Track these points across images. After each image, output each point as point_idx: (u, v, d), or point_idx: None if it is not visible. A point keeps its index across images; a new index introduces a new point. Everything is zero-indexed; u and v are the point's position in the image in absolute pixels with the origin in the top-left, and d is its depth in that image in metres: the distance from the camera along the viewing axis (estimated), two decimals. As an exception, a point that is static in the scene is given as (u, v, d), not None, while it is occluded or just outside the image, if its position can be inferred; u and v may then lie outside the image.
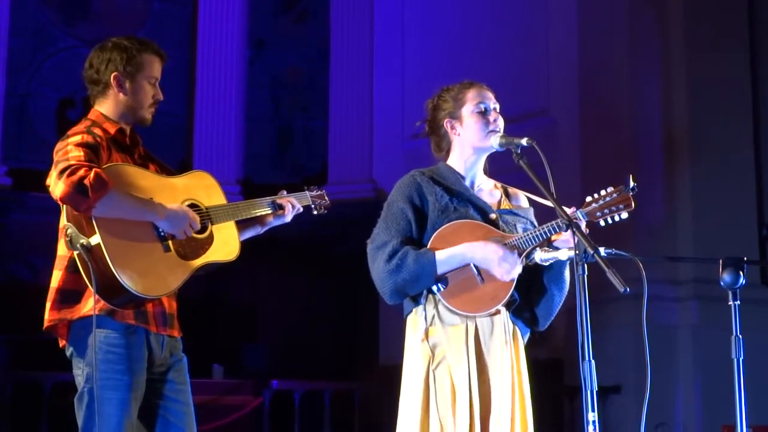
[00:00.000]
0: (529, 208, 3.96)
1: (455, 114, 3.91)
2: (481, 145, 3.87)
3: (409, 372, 3.75)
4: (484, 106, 3.89)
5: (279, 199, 4.21)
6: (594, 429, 3.24)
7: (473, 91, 3.93)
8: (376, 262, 3.75)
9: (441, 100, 3.96)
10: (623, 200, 3.72)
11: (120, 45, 3.90)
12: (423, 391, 3.69)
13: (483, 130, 3.86)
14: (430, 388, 3.68)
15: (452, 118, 3.92)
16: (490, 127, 3.86)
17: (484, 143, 3.87)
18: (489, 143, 3.85)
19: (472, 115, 3.88)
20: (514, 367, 3.73)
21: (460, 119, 3.90)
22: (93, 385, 3.65)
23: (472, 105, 3.89)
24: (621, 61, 9.95)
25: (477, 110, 3.88)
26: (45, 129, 12.26)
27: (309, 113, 13.31)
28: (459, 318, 3.71)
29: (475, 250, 3.70)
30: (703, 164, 9.63)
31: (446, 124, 3.93)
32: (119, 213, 3.62)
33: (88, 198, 3.51)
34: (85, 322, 3.68)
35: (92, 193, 3.51)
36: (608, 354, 8.14)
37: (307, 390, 9.61)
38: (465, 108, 3.90)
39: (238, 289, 11.93)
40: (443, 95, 3.96)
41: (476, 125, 3.87)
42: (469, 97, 3.91)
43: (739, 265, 3.72)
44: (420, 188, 3.83)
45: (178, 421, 3.85)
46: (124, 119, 3.91)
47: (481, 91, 3.93)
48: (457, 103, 3.91)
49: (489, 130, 3.86)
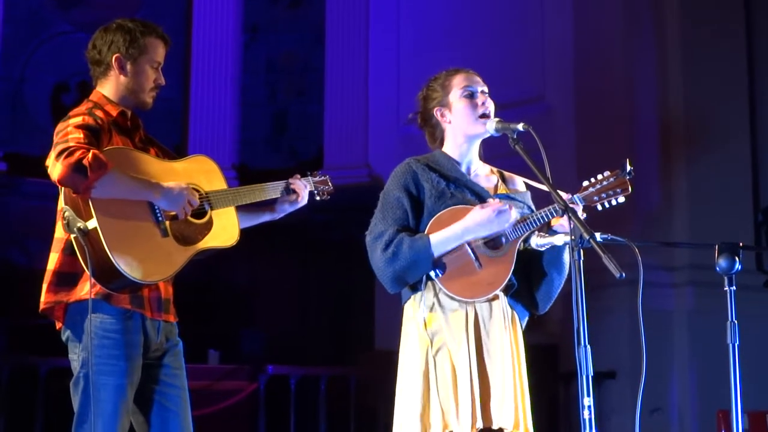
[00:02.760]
0: (526, 192, 3.96)
1: (444, 101, 3.90)
2: (473, 130, 3.86)
3: (408, 359, 3.75)
4: (471, 89, 3.88)
5: (292, 184, 4.20)
6: (589, 414, 3.25)
7: (459, 77, 3.92)
8: (374, 253, 3.75)
9: (429, 90, 3.95)
10: (620, 184, 3.72)
11: (124, 27, 3.90)
12: (423, 377, 3.69)
13: (472, 114, 3.85)
14: (431, 375, 3.68)
15: (441, 106, 3.91)
16: (479, 111, 3.85)
17: (475, 127, 3.86)
18: (481, 128, 3.85)
19: (460, 99, 3.87)
20: (514, 352, 3.73)
21: (448, 106, 3.89)
22: (89, 370, 3.65)
23: (459, 89, 3.89)
24: (617, 47, 9.93)
25: (464, 94, 3.87)
26: (40, 114, 12.23)
27: (304, 98, 13.28)
28: (458, 304, 3.71)
29: (467, 222, 3.70)
30: (698, 150, 9.62)
31: (437, 113, 3.92)
32: (118, 193, 3.61)
33: (86, 178, 3.51)
34: (81, 306, 3.68)
35: (91, 173, 3.51)
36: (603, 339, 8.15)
37: (302, 375, 9.61)
38: (452, 94, 3.89)
39: (234, 275, 11.92)
40: (431, 85, 3.96)
41: (465, 110, 3.86)
42: (456, 82, 3.90)
43: (734, 250, 3.72)
44: (415, 176, 3.82)
45: (173, 406, 3.85)
46: (124, 102, 3.90)
47: (468, 76, 3.92)
48: (444, 91, 3.91)
49: (479, 114, 3.85)
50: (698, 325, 9.20)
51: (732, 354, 3.72)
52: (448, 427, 3.62)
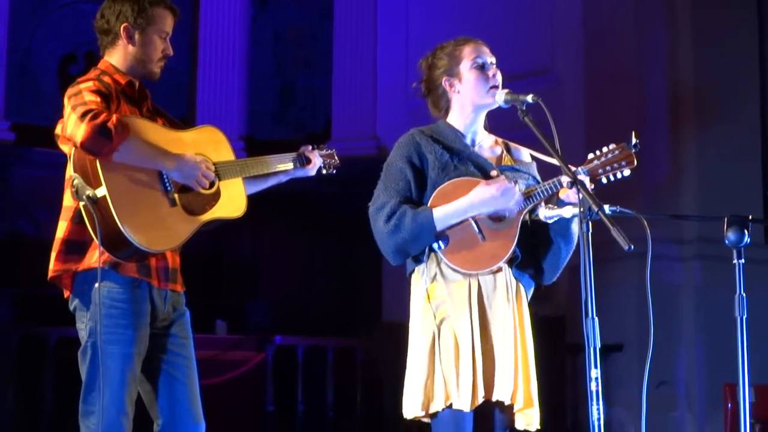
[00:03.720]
0: (531, 163, 3.94)
1: (453, 71, 3.87)
2: (482, 101, 3.84)
3: (415, 331, 3.76)
4: (481, 61, 3.85)
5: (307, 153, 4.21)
6: (596, 386, 3.25)
7: (469, 47, 3.88)
8: (377, 224, 3.74)
9: (436, 59, 3.91)
10: (625, 157, 3.70)
11: None
12: (428, 349, 3.69)
13: (483, 86, 3.83)
14: (435, 347, 3.68)
15: (450, 75, 3.87)
16: (490, 83, 3.83)
17: (485, 99, 3.84)
18: (490, 99, 3.83)
19: (470, 71, 3.84)
20: (517, 324, 3.73)
21: (458, 76, 3.86)
22: (96, 339, 3.66)
23: (469, 61, 3.85)
24: (626, 19, 9.89)
25: (475, 65, 3.84)
26: (47, 84, 12.24)
27: (312, 70, 13.26)
28: (461, 276, 3.71)
29: (473, 198, 3.68)
30: (708, 123, 9.59)
31: (444, 83, 3.88)
32: (135, 160, 3.63)
33: (111, 141, 3.52)
34: (89, 275, 3.69)
35: (116, 137, 3.52)
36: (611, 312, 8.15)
37: (310, 346, 9.64)
38: (463, 64, 3.85)
39: (241, 246, 11.95)
40: (438, 53, 3.92)
41: (476, 81, 3.83)
42: (466, 53, 3.87)
43: (743, 223, 3.71)
44: (419, 147, 3.80)
45: (180, 375, 3.86)
46: (132, 72, 3.89)
47: (478, 47, 3.89)
48: (453, 60, 3.87)
49: (490, 85, 3.83)
50: (706, 299, 9.20)
51: (740, 327, 3.72)
52: (449, 399, 3.62)
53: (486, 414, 3.69)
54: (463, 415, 3.62)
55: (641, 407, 3.53)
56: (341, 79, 12.56)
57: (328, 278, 12.10)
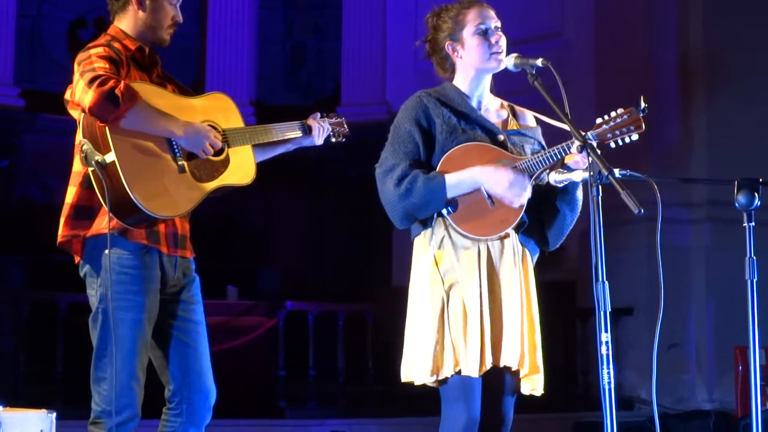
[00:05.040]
0: (536, 127, 3.92)
1: (456, 36, 3.83)
2: (485, 66, 3.82)
3: (420, 297, 3.73)
4: (485, 26, 3.82)
5: (311, 123, 4.21)
6: (607, 349, 3.25)
7: (473, 12, 3.84)
8: (385, 186, 3.71)
9: (441, 21, 3.87)
10: (633, 121, 3.68)
11: None
12: (437, 316, 3.68)
13: (486, 52, 3.80)
14: (444, 313, 3.68)
15: (453, 40, 3.84)
16: (492, 49, 3.80)
17: (487, 65, 3.81)
18: (494, 64, 3.81)
19: (473, 37, 3.81)
20: (523, 289, 3.73)
21: (461, 41, 3.83)
22: (107, 305, 3.67)
23: (472, 26, 3.82)
24: (637, -18, 9.84)
25: (477, 32, 3.81)
26: (57, 50, 12.22)
27: (321, 34, 13.23)
28: (470, 242, 3.70)
29: (485, 175, 3.66)
30: (718, 86, 9.56)
31: (447, 47, 3.86)
32: (143, 126, 3.63)
33: (118, 108, 3.52)
34: (99, 240, 3.70)
35: (123, 103, 3.52)
36: (621, 276, 8.16)
37: (320, 311, 9.67)
38: (466, 30, 3.82)
39: (251, 212, 11.96)
40: (442, 15, 3.88)
41: (478, 48, 3.81)
42: (470, 18, 3.83)
43: (754, 186, 3.70)
44: (427, 109, 3.78)
45: (190, 340, 3.88)
46: (142, 38, 3.89)
47: (482, 11, 3.85)
48: (457, 25, 3.84)
49: (492, 52, 3.80)
50: (716, 262, 9.21)
51: (750, 290, 3.71)
52: (458, 365, 3.63)
53: (493, 379, 3.70)
54: (472, 380, 3.62)
55: (652, 370, 3.54)
56: (351, 45, 12.53)
57: (338, 244, 12.11)
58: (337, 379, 9.54)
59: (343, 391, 9.57)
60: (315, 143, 4.24)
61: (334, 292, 11.13)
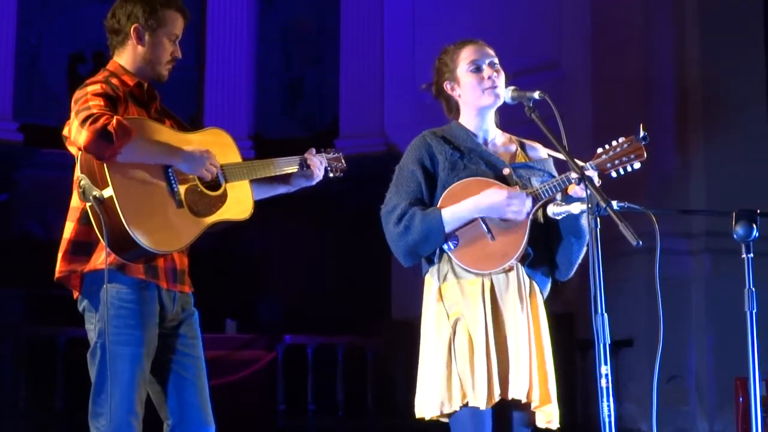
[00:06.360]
0: (547, 159, 3.93)
1: (453, 76, 3.91)
2: (481, 103, 3.86)
3: (429, 331, 3.76)
4: (477, 64, 3.87)
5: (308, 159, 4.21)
6: (606, 382, 3.24)
7: (467, 50, 3.91)
8: (388, 226, 3.78)
9: (441, 63, 3.96)
10: (634, 150, 3.70)
11: None
12: (445, 349, 3.69)
13: (478, 87, 3.85)
14: (451, 346, 3.69)
15: (451, 80, 3.92)
16: (484, 85, 3.84)
17: (482, 101, 3.86)
18: (489, 99, 3.84)
19: (467, 74, 3.87)
20: (531, 322, 3.73)
21: (457, 81, 3.90)
22: (105, 340, 3.66)
23: (465, 64, 3.88)
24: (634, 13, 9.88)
25: (471, 69, 3.87)
26: (56, 85, 12.25)
27: (320, 66, 13.26)
28: (474, 275, 3.71)
29: (481, 200, 3.70)
30: (715, 117, 9.58)
31: (446, 87, 3.93)
32: (142, 158, 3.63)
33: (112, 144, 3.52)
34: (97, 276, 3.69)
35: (117, 140, 3.52)
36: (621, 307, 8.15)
37: (320, 344, 9.65)
38: (459, 68, 3.89)
39: (250, 245, 11.95)
40: (442, 57, 3.96)
41: (471, 84, 3.86)
42: (463, 56, 3.90)
43: (752, 217, 3.70)
44: (430, 148, 3.83)
45: (190, 375, 3.86)
46: (141, 73, 3.90)
47: (476, 48, 3.91)
48: (453, 65, 3.91)
49: (484, 87, 3.84)
50: (715, 293, 9.19)
51: (749, 321, 3.70)
52: (466, 397, 3.63)
53: (505, 412, 3.70)
54: (481, 413, 3.63)
55: (652, 402, 3.53)
56: (349, 77, 12.57)
57: (338, 276, 12.10)
58: (336, 412, 9.51)
59: (342, 425, 9.54)
60: (314, 182, 4.25)
61: (333, 324, 11.10)
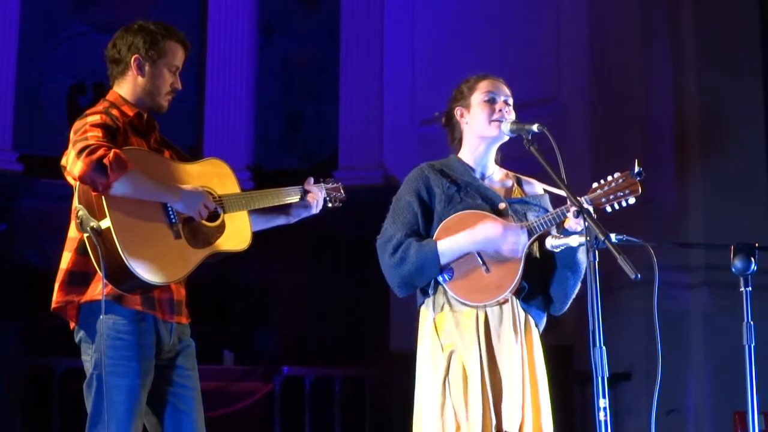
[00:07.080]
0: (543, 195, 3.96)
1: (465, 102, 3.96)
2: (485, 132, 3.89)
3: (424, 363, 3.77)
4: (492, 95, 3.92)
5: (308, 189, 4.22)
6: (605, 415, 3.24)
7: (486, 82, 3.97)
8: (384, 256, 3.80)
9: (457, 91, 4.02)
10: (629, 186, 3.71)
11: (145, 28, 3.91)
12: (440, 381, 3.70)
13: (487, 117, 3.88)
14: (446, 379, 3.69)
15: (462, 106, 3.96)
16: (495, 116, 3.87)
17: (487, 130, 3.88)
18: (494, 131, 3.86)
19: (480, 103, 3.92)
20: (525, 355, 3.73)
21: (468, 107, 3.94)
22: (101, 371, 3.65)
23: (481, 93, 3.93)
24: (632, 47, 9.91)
25: (485, 98, 3.91)
26: (56, 115, 12.26)
27: (319, 99, 13.29)
28: (468, 307, 3.72)
29: (476, 233, 3.72)
30: (714, 150, 9.59)
31: (456, 113, 3.98)
32: (136, 193, 3.62)
33: (107, 177, 3.52)
34: (93, 307, 3.69)
35: (111, 173, 3.52)
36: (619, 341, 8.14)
37: (317, 376, 9.62)
38: (474, 96, 3.93)
39: (248, 276, 11.93)
40: (461, 85, 4.02)
41: (481, 112, 3.90)
42: (481, 86, 3.95)
43: (750, 251, 3.71)
44: (427, 180, 3.86)
45: (186, 407, 3.85)
46: (140, 103, 3.91)
47: (494, 82, 3.97)
48: (469, 92, 3.97)
49: (493, 118, 3.86)
50: (714, 326, 9.17)
51: (748, 355, 3.70)
52: (460, 429, 3.62)
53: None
54: (475, 444, 3.62)
55: (650, 435, 3.52)
56: (348, 109, 12.59)
57: (336, 307, 12.08)
58: (334, 445, 9.48)
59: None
60: (313, 212, 4.25)
61: (331, 357, 11.08)
